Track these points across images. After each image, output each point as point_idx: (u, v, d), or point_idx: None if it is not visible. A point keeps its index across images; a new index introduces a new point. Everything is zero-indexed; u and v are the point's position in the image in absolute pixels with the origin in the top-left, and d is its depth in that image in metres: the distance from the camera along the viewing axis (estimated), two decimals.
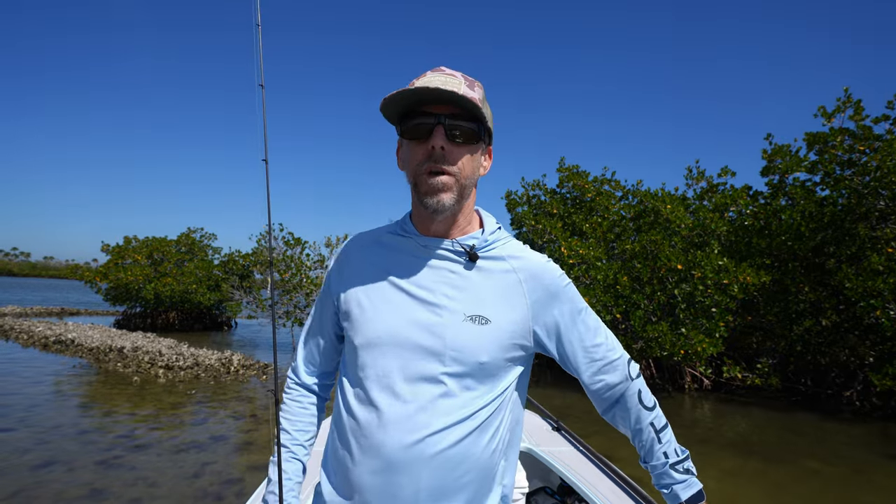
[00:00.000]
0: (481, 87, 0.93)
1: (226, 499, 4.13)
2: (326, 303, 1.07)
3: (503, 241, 1.00)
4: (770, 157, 10.36)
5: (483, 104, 0.90)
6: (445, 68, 0.91)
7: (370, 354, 0.93)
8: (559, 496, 2.55)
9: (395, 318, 0.93)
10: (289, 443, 1.07)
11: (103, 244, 19.29)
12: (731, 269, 9.01)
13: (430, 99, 0.88)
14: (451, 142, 0.88)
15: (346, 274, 1.02)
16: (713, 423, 7.51)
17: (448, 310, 0.92)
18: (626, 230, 11.61)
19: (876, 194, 8.55)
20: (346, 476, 0.92)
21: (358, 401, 0.93)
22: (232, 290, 17.50)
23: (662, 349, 8.95)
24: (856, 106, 8.97)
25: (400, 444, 0.87)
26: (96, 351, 11.51)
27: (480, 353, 0.90)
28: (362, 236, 1.06)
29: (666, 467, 1.01)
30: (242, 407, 7.35)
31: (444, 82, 0.87)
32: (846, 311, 9.12)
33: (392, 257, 0.99)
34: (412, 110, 0.90)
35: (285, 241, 14.48)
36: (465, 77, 0.90)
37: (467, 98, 0.84)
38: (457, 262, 0.95)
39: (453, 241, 0.96)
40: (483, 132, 0.92)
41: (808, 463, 5.78)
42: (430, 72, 0.91)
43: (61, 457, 4.93)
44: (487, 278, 0.95)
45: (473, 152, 0.92)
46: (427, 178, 0.89)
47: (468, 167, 0.91)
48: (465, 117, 0.88)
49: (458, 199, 0.91)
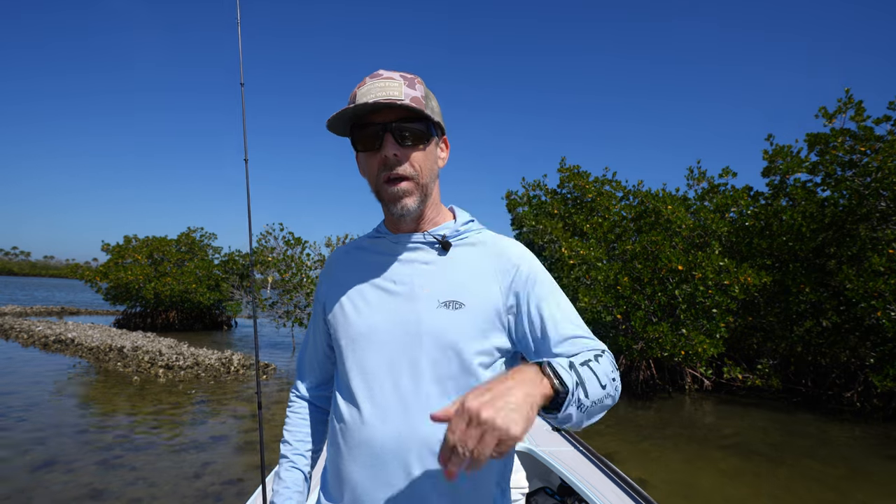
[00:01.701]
0: (422, 83, 0.93)
1: (226, 499, 4.13)
2: (317, 314, 1.09)
3: (476, 231, 1.01)
4: (771, 157, 10.35)
5: (427, 99, 0.92)
6: (383, 72, 0.91)
7: (354, 353, 0.95)
8: (559, 496, 2.55)
9: (374, 314, 0.95)
10: (289, 453, 1.08)
11: (103, 244, 19.31)
12: (732, 270, 9.00)
13: (372, 109, 0.89)
14: (403, 146, 0.89)
15: (330, 283, 1.05)
16: (713, 424, 7.50)
17: (422, 299, 0.93)
18: (627, 231, 11.60)
19: (877, 195, 8.54)
20: (338, 474, 0.95)
21: (346, 400, 0.95)
22: (232, 290, 17.52)
23: (663, 350, 8.94)
24: (857, 107, 8.96)
25: (386, 437, 0.88)
26: (96, 350, 11.51)
27: (457, 337, 0.90)
28: (344, 246, 1.10)
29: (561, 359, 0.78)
30: (242, 407, 7.35)
31: (384, 88, 0.87)
32: (847, 311, 9.11)
33: (368, 259, 1.02)
34: (359, 122, 0.91)
35: (286, 240, 14.47)
36: (404, 76, 0.91)
37: (407, 105, 0.86)
38: (430, 252, 0.97)
39: (425, 233, 0.98)
40: (432, 128, 0.93)
41: (808, 464, 5.77)
42: (368, 78, 0.91)
43: (61, 457, 4.93)
44: (460, 264, 0.96)
45: (426, 150, 0.93)
46: (387, 186, 0.91)
47: (425, 166, 0.92)
48: (411, 119, 0.89)
49: (422, 199, 0.93)
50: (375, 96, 0.87)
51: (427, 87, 0.96)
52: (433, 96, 0.96)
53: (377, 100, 0.85)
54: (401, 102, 0.86)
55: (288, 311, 14.02)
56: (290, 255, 14.23)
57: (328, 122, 0.90)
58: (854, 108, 8.99)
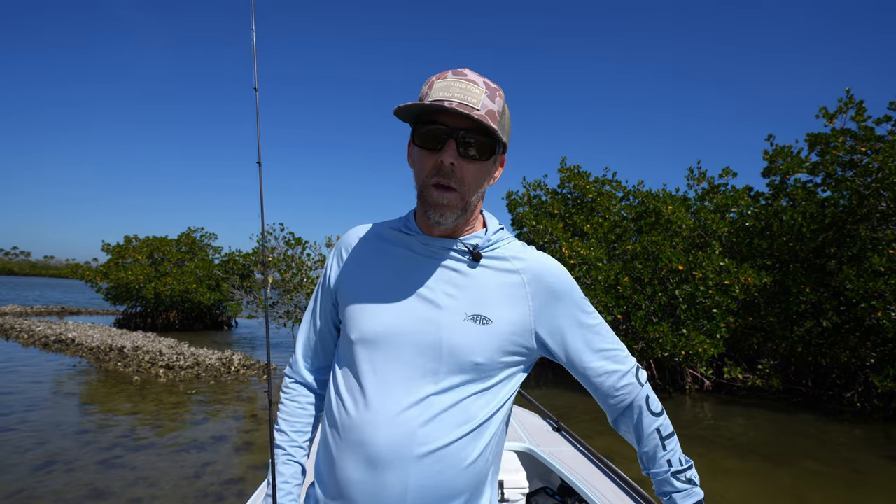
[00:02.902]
0: (502, 96, 0.89)
1: (226, 499, 4.12)
2: (325, 294, 1.04)
3: (506, 241, 0.98)
4: (771, 157, 10.35)
5: (502, 115, 0.88)
6: (468, 72, 0.86)
7: (366, 350, 0.92)
8: (559, 496, 2.55)
9: (394, 314, 0.92)
10: (286, 445, 1.04)
11: (104, 243, 19.32)
12: (733, 270, 9.00)
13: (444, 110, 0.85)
14: (463, 158, 0.86)
15: (346, 266, 1.01)
16: (714, 424, 7.50)
17: (448, 308, 0.90)
18: (628, 231, 11.60)
19: (877, 195, 8.54)
20: (333, 473, 0.91)
21: (350, 396, 0.92)
22: (232, 290, 17.51)
23: (663, 350, 8.94)
24: (857, 107, 8.95)
25: (388, 442, 0.85)
26: (97, 350, 11.52)
27: (478, 353, 0.89)
28: (363, 229, 1.04)
29: (668, 475, 0.99)
30: (243, 407, 7.35)
31: (463, 91, 0.83)
32: (847, 312, 9.11)
33: (394, 253, 0.97)
34: (427, 117, 0.87)
35: (286, 240, 14.48)
36: (488, 85, 0.86)
37: (480, 119, 0.81)
38: (460, 262, 0.94)
39: (457, 240, 0.94)
40: (497, 146, 0.89)
41: (808, 464, 5.77)
42: (451, 73, 0.86)
43: (61, 456, 4.93)
44: (490, 278, 0.93)
45: (484, 167, 0.89)
46: (433, 191, 0.87)
47: (475, 182, 0.89)
48: (480, 131, 0.85)
49: (462, 214, 0.90)
50: (453, 96, 0.83)
51: (506, 102, 0.92)
52: (508, 113, 0.92)
53: (453, 104, 0.81)
54: (476, 115, 0.81)
55: (288, 312, 14.02)
56: (290, 256, 14.24)
57: (396, 110, 0.85)
58: (855, 108, 8.98)
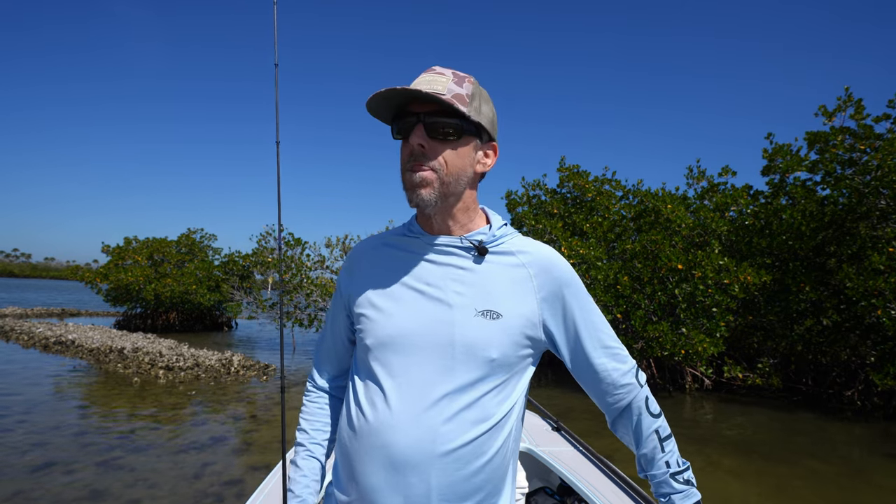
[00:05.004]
0: (473, 83, 0.92)
1: (226, 500, 4.12)
2: (338, 307, 1.08)
3: (511, 236, 1.00)
4: (771, 156, 10.35)
5: (472, 99, 0.90)
6: (437, 67, 0.92)
7: (382, 354, 0.93)
8: (559, 496, 2.54)
9: (407, 317, 0.93)
10: (306, 442, 1.08)
11: (104, 245, 19.32)
12: (732, 269, 9.00)
13: (413, 99, 0.89)
14: (433, 138, 0.89)
15: (356, 277, 1.03)
16: (714, 423, 7.50)
17: (458, 305, 0.91)
18: (627, 230, 11.60)
19: (877, 193, 8.54)
20: (352, 476, 0.92)
21: (368, 402, 0.93)
22: (232, 291, 17.51)
23: (663, 349, 8.94)
24: (857, 105, 8.96)
25: (411, 443, 0.86)
26: (97, 352, 11.51)
27: (492, 347, 0.90)
28: (370, 239, 1.07)
29: (666, 476, 1.00)
30: (243, 408, 7.34)
31: (430, 82, 0.88)
32: (847, 310, 9.11)
33: (401, 257, 0.99)
34: (400, 111, 0.92)
35: (285, 241, 14.47)
36: (455, 74, 0.91)
37: (441, 99, 0.84)
38: (465, 258, 0.95)
39: (461, 237, 0.96)
40: (469, 127, 0.91)
41: (808, 463, 5.77)
42: (423, 73, 0.92)
43: (61, 458, 4.93)
44: (497, 273, 0.95)
45: (459, 147, 0.91)
46: (409, 174, 0.91)
47: (452, 163, 0.90)
48: (446, 114, 0.88)
49: (442, 195, 0.91)
50: (418, 86, 0.87)
51: (487, 92, 0.96)
52: (487, 101, 0.95)
53: (406, 88, 0.85)
54: (438, 96, 0.85)
55: (288, 312, 14.02)
56: (289, 256, 14.23)
57: (368, 103, 0.88)
58: (854, 107, 8.99)
